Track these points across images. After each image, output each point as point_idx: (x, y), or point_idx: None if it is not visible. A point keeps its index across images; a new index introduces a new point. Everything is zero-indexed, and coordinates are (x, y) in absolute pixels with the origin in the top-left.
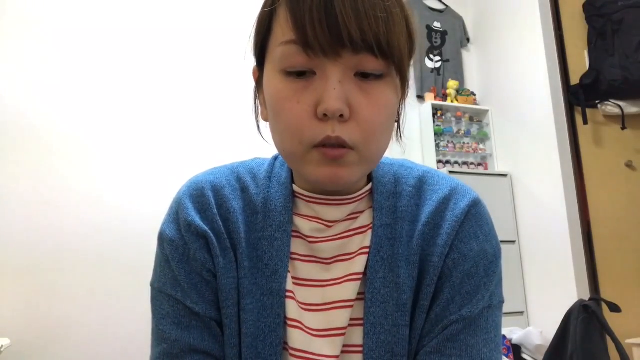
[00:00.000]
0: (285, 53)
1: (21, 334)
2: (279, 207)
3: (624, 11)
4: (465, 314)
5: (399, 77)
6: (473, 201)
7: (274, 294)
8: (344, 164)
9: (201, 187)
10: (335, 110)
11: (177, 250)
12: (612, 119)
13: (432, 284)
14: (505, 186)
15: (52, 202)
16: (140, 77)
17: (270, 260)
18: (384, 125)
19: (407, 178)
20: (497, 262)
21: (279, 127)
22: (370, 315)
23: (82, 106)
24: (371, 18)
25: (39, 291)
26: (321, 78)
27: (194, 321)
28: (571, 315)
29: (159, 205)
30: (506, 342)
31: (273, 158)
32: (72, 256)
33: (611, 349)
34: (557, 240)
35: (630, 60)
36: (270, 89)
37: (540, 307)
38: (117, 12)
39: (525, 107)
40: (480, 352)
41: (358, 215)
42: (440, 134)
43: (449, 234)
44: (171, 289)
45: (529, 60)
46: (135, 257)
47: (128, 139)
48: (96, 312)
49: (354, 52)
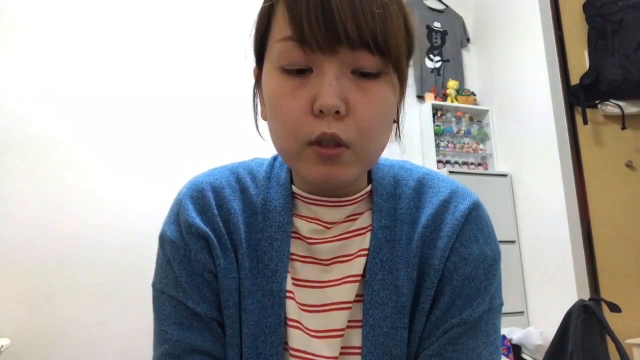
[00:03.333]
0: (283, 49)
1: (21, 334)
2: (278, 208)
3: (624, 11)
4: (465, 318)
5: (396, 76)
6: (473, 204)
7: (274, 295)
8: (339, 163)
9: (201, 188)
10: (331, 106)
11: (178, 251)
12: (612, 119)
13: (432, 287)
14: (505, 186)
15: (52, 202)
16: (140, 77)
17: (270, 261)
18: (380, 123)
19: (406, 180)
20: (497, 265)
21: (276, 124)
22: (368, 317)
23: (82, 106)
24: (368, 14)
25: (39, 291)
26: (317, 74)
27: (195, 322)
28: (571, 315)
29: (159, 205)
30: (506, 342)
31: (272, 158)
32: (72, 256)
33: (611, 349)
34: (557, 240)
35: (630, 60)
36: (268, 86)
37: (540, 307)
38: (118, 11)
39: (525, 107)
40: (481, 355)
41: (357, 217)
42: (440, 134)
43: (449, 237)
44: (172, 290)
45: (529, 60)
46: (136, 257)
47: (128, 140)
48: (96, 312)
49: (351, 49)
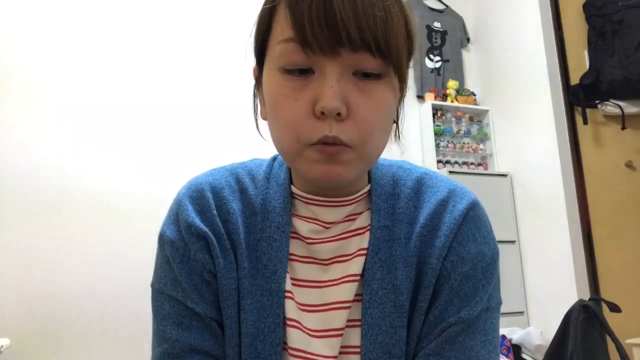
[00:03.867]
0: (284, 51)
1: (21, 334)
2: (277, 208)
3: (624, 11)
4: (463, 316)
5: (397, 77)
6: (471, 203)
7: (273, 295)
8: (341, 162)
9: (201, 188)
10: (332, 109)
11: (178, 251)
12: (612, 119)
13: (430, 286)
14: (505, 186)
15: (51, 202)
16: (139, 77)
17: (269, 261)
18: (381, 124)
19: (405, 180)
20: (495, 264)
21: (277, 125)
22: (367, 316)
23: (82, 107)
24: (369, 17)
25: (39, 291)
26: (319, 76)
27: (194, 321)
28: (571, 315)
29: (159, 205)
30: (506, 342)
31: (272, 159)
32: (72, 256)
33: (611, 349)
34: (557, 240)
35: (630, 60)
36: (269, 87)
37: (540, 307)
38: (117, 11)
39: (525, 107)
40: (479, 354)
41: (356, 217)
42: (440, 134)
43: (447, 236)
44: (172, 290)
45: (529, 61)
46: (136, 257)
47: (128, 140)
48: (96, 312)
49: (352, 51)
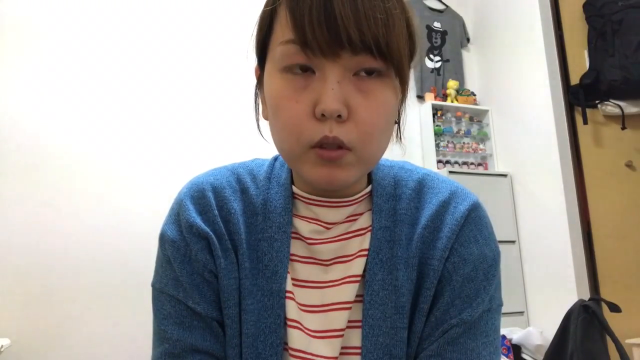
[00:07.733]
0: (285, 52)
1: (21, 334)
2: (278, 208)
3: (624, 11)
4: (465, 318)
5: (398, 79)
6: (473, 205)
7: (274, 295)
8: (341, 165)
9: (202, 188)
10: (332, 111)
11: (179, 251)
12: (612, 119)
13: (431, 287)
14: (505, 186)
15: (52, 202)
16: (140, 77)
17: (270, 262)
18: (382, 126)
19: (406, 180)
20: (496, 265)
21: (278, 125)
22: (368, 317)
23: (82, 107)
24: (370, 19)
25: (39, 291)
26: (320, 78)
27: (195, 321)
28: (571, 315)
29: (159, 205)
30: (506, 342)
31: (273, 159)
32: (72, 256)
33: (611, 349)
34: (557, 240)
35: (630, 60)
36: (270, 88)
37: (540, 307)
38: (118, 11)
39: (525, 107)
40: (480, 355)
41: (357, 218)
42: (440, 134)
43: (448, 238)
44: (173, 290)
45: (529, 60)
46: (136, 257)
47: (128, 140)
48: (96, 312)
49: (353, 53)
